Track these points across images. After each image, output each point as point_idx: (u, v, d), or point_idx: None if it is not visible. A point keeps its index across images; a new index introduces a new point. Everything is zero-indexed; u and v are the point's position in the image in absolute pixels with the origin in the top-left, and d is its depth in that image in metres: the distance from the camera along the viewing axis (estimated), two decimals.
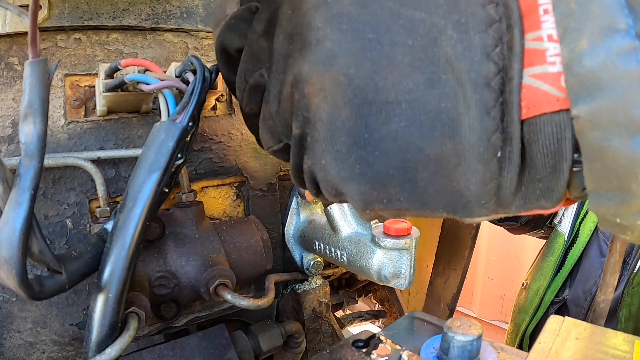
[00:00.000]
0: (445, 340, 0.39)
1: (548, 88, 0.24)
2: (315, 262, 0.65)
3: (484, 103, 0.25)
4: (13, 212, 0.31)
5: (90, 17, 0.47)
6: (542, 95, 0.24)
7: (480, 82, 0.25)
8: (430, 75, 0.25)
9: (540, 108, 0.24)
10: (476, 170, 0.25)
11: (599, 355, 0.39)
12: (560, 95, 0.24)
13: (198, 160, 0.55)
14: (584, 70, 0.22)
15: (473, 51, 0.25)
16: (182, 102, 0.40)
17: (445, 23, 0.26)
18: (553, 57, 0.24)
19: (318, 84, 0.28)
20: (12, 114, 0.45)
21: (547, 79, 0.24)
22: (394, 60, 0.26)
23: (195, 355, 0.51)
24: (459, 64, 0.25)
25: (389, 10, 0.27)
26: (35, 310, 0.46)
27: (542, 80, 0.24)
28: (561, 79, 0.24)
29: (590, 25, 0.22)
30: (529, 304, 1.16)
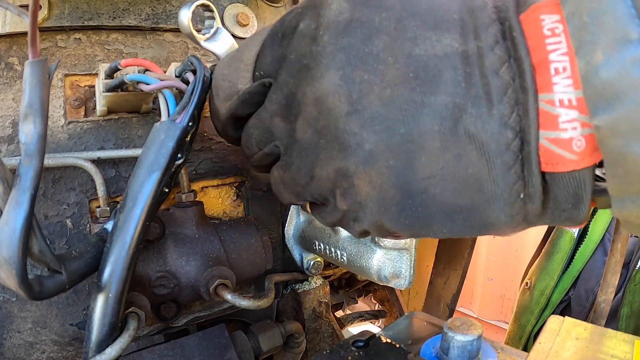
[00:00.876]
0: (445, 340, 0.39)
1: (562, 152, 0.27)
2: (315, 262, 0.64)
3: (505, 164, 0.28)
4: (13, 212, 0.31)
5: (90, 17, 0.47)
6: (558, 158, 0.27)
7: (501, 149, 0.28)
8: (458, 152, 0.29)
9: (556, 167, 0.27)
10: (503, 210, 0.30)
11: (599, 355, 0.39)
12: (573, 158, 0.27)
13: (198, 160, 0.55)
14: (601, 81, 0.23)
15: (491, 124, 0.28)
16: (182, 102, 0.40)
17: (465, 102, 0.29)
18: (565, 124, 0.26)
19: (366, 178, 0.32)
20: (12, 114, 0.45)
21: (561, 144, 0.27)
22: (425, 147, 0.30)
23: (195, 355, 0.51)
24: (480, 137, 0.29)
25: (413, 103, 0.30)
26: (35, 310, 0.46)
27: (556, 145, 0.27)
28: (573, 143, 0.26)
29: (604, 38, 0.23)
30: (534, 304, 1.14)
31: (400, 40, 0.30)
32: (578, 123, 0.26)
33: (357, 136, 0.31)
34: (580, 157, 0.26)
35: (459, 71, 0.29)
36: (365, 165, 0.32)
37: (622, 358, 0.38)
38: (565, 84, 0.26)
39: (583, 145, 0.26)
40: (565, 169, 0.27)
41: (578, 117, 0.26)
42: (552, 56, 0.26)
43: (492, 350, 0.41)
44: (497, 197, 0.29)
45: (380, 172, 0.32)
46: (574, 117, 0.26)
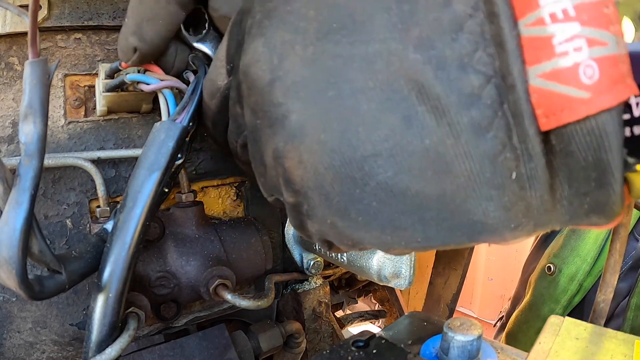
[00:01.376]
0: (445, 340, 0.39)
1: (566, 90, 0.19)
2: (315, 262, 0.64)
3: (476, 124, 0.21)
4: (13, 212, 0.31)
5: (90, 17, 0.47)
6: (561, 100, 0.19)
7: (464, 102, 0.20)
8: (404, 114, 0.22)
9: (561, 117, 0.19)
10: (490, 197, 0.22)
11: (599, 356, 0.39)
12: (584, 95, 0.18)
13: (198, 160, 0.55)
14: None
15: (446, 68, 0.21)
16: (182, 102, 0.40)
17: (405, 46, 0.22)
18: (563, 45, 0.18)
19: (296, 158, 0.26)
20: (12, 114, 0.45)
21: (562, 77, 0.19)
22: (360, 111, 0.23)
23: (195, 355, 0.51)
24: (433, 89, 0.21)
25: (340, 57, 0.24)
26: (35, 310, 0.46)
27: (556, 80, 0.19)
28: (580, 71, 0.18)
29: None
30: (561, 292, 0.96)
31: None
32: (583, 40, 0.18)
33: (283, 106, 0.26)
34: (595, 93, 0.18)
35: (393, 11, 0.22)
36: (294, 139, 0.26)
37: (622, 358, 0.38)
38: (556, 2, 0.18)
39: (596, 74, 0.18)
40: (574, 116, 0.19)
41: (581, 31, 0.18)
42: None
43: (492, 350, 0.41)
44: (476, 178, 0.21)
45: (310, 148, 0.25)
46: (575, 32, 0.18)
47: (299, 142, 0.26)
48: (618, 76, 0.18)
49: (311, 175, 0.26)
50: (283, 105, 0.26)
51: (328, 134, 0.24)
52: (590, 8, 0.18)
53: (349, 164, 0.24)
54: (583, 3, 0.18)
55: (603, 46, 0.18)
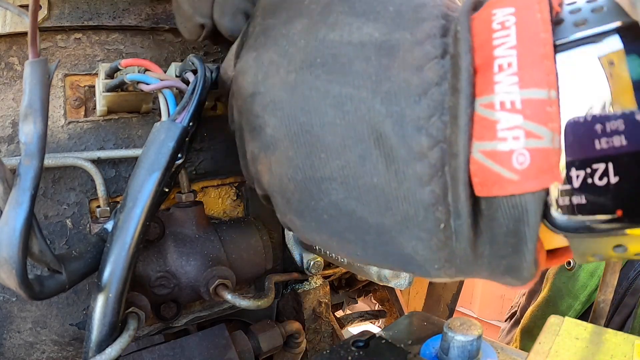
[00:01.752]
0: (445, 340, 0.39)
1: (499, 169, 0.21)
2: (315, 262, 0.64)
3: (418, 177, 0.23)
4: (13, 212, 0.31)
5: (90, 17, 0.47)
6: (494, 177, 0.21)
7: (412, 157, 0.23)
8: (361, 153, 0.25)
9: (492, 190, 0.21)
10: (420, 238, 0.25)
11: (599, 355, 0.39)
12: (513, 177, 0.20)
13: (198, 160, 0.55)
14: None
15: (404, 125, 0.23)
16: (182, 102, 0.40)
17: (374, 97, 0.24)
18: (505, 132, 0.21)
19: (266, 164, 0.30)
20: (12, 114, 0.45)
21: (498, 158, 0.21)
22: (325, 141, 0.26)
23: (195, 355, 0.51)
24: (389, 140, 0.24)
25: (317, 91, 0.27)
26: (35, 310, 0.46)
27: (492, 159, 0.21)
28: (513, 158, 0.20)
29: None
30: (580, 287, 0.96)
31: (319, 25, 0.28)
32: (522, 132, 0.20)
33: (260, 119, 0.30)
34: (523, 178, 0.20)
35: (371, 62, 0.25)
36: (266, 150, 0.30)
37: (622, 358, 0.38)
38: (510, 82, 0.21)
39: (527, 162, 0.20)
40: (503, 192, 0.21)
41: (522, 123, 0.20)
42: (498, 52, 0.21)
43: (492, 350, 0.41)
44: (410, 219, 0.24)
45: (279, 161, 0.29)
46: (516, 123, 0.20)
47: (271, 154, 0.30)
48: (546, 166, 0.20)
49: (276, 182, 0.30)
50: (260, 118, 0.30)
51: (295, 152, 0.28)
52: (535, 105, 0.20)
53: (309, 180, 0.28)
54: (530, 99, 0.20)
55: (538, 139, 0.20)
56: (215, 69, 0.44)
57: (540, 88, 0.20)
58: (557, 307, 1.00)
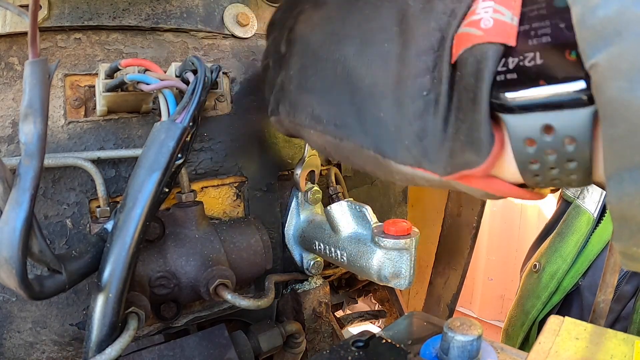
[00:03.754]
0: (445, 340, 0.39)
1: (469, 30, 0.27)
2: (315, 262, 0.64)
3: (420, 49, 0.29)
4: (13, 212, 0.31)
5: (90, 17, 0.47)
6: (466, 37, 0.27)
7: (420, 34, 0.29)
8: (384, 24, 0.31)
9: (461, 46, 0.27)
10: (402, 103, 0.29)
11: (599, 355, 0.39)
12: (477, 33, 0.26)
13: (198, 160, 0.55)
14: (599, 20, 0.21)
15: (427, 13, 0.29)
16: (182, 102, 0.40)
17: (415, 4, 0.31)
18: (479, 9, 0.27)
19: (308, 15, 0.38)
20: (12, 114, 0.45)
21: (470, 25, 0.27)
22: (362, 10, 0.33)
23: (195, 355, 0.51)
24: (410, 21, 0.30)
25: None
26: (35, 310, 0.46)
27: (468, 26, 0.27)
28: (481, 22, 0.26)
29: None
30: (542, 288, 1.04)
31: None
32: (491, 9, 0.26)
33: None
34: (485, 33, 0.26)
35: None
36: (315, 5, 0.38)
37: (622, 358, 0.38)
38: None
39: (490, 24, 0.26)
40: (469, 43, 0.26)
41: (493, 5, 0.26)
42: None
43: (492, 350, 0.41)
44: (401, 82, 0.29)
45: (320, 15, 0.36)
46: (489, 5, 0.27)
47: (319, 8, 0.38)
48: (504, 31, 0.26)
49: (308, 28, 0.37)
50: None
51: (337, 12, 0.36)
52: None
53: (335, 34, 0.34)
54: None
55: (502, 15, 0.26)
56: (215, 68, 0.44)
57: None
58: (524, 306, 1.08)
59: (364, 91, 0.31)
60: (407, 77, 0.29)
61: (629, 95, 0.19)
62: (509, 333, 1.12)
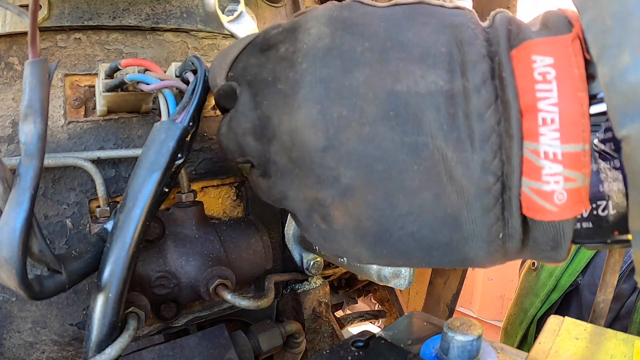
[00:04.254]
0: (445, 340, 0.39)
1: (543, 203, 0.27)
2: (315, 262, 0.64)
3: (484, 207, 0.28)
4: (13, 212, 0.31)
5: (90, 17, 0.47)
6: (538, 207, 0.27)
7: (481, 193, 0.28)
8: (437, 191, 0.29)
9: (537, 215, 0.27)
10: (482, 247, 0.30)
11: (599, 355, 0.39)
12: (554, 210, 0.26)
13: (198, 160, 0.55)
14: (630, 85, 0.21)
15: (472, 169, 0.28)
16: (182, 102, 0.40)
17: (446, 145, 0.28)
18: (548, 177, 0.26)
19: (343, 209, 0.32)
20: (12, 114, 0.45)
21: (542, 195, 0.26)
22: (403, 185, 0.30)
23: (195, 355, 0.51)
24: (461, 181, 0.28)
25: (392, 142, 0.29)
26: (35, 310, 0.46)
27: (538, 195, 0.27)
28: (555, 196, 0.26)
29: (630, 38, 0.21)
30: (540, 286, 1.06)
31: (382, 74, 0.29)
32: (561, 177, 0.26)
33: (334, 170, 0.31)
34: (561, 210, 0.26)
35: (442, 112, 0.28)
36: (342, 198, 0.31)
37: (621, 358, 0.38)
38: (552, 137, 0.25)
39: (564, 199, 0.26)
40: (545, 218, 0.27)
41: (562, 171, 0.26)
42: (541, 105, 0.26)
43: (492, 350, 0.41)
44: (476, 236, 0.29)
45: (357, 204, 0.31)
46: (557, 171, 0.26)
47: (348, 200, 0.32)
48: (579, 200, 0.26)
49: (354, 222, 0.32)
50: (335, 170, 0.31)
51: (375, 196, 0.31)
52: (572, 156, 0.25)
53: (387, 217, 0.31)
54: (569, 152, 0.25)
55: (574, 182, 0.26)
56: None
57: (577, 143, 0.25)
58: (523, 304, 1.09)
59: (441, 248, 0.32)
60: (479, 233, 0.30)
61: None
62: (508, 331, 1.13)
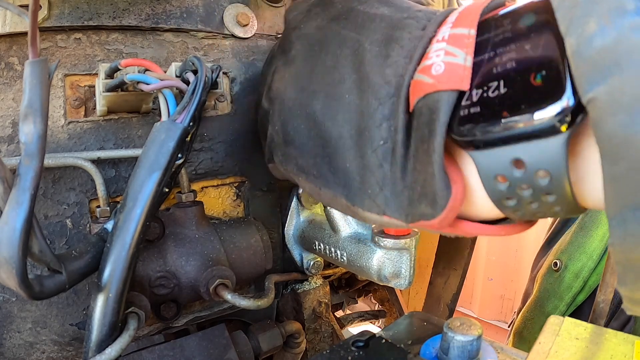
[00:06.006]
0: (445, 340, 0.39)
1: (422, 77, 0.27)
2: (315, 262, 0.64)
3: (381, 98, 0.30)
4: (13, 212, 0.31)
5: (90, 17, 0.47)
6: (419, 85, 0.27)
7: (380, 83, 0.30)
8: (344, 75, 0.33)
9: (416, 94, 0.27)
10: (364, 154, 0.30)
11: (599, 355, 0.39)
12: (428, 81, 0.26)
13: (198, 160, 0.55)
14: (595, 50, 0.19)
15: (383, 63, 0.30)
16: (182, 102, 0.40)
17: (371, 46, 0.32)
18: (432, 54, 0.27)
19: (281, 74, 0.41)
20: (12, 114, 0.45)
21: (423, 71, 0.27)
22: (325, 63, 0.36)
23: (195, 355, 0.51)
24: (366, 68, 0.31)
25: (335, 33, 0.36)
26: (35, 310, 0.46)
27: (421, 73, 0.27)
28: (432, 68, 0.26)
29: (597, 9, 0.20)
30: (565, 288, 0.95)
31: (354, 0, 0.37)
32: (442, 52, 0.26)
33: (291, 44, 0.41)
34: (436, 80, 0.26)
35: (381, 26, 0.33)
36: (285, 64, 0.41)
37: (622, 358, 0.38)
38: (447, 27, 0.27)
39: (441, 69, 0.26)
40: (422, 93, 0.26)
41: (445, 47, 0.26)
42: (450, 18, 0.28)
43: (492, 350, 0.41)
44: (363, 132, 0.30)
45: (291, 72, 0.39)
46: (441, 47, 0.27)
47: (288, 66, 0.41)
48: (457, 76, 0.25)
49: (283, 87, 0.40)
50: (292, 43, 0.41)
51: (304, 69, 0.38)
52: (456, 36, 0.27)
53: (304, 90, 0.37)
54: (454, 34, 0.27)
55: (454, 57, 0.26)
56: (215, 68, 0.44)
57: (464, 27, 0.26)
58: (544, 308, 0.99)
59: (332, 144, 0.33)
60: (367, 128, 0.30)
61: (630, 130, 0.18)
62: (524, 336, 1.03)
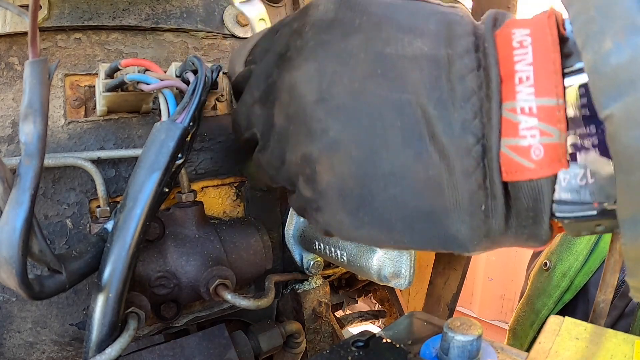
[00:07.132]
0: (445, 340, 0.39)
1: (520, 160, 0.27)
2: (315, 262, 0.64)
3: (465, 169, 0.29)
4: (13, 212, 0.31)
5: (90, 17, 0.47)
6: (516, 166, 0.27)
7: (461, 154, 0.28)
8: (418, 150, 0.30)
9: (515, 176, 0.27)
10: (464, 220, 0.30)
11: (599, 355, 0.39)
12: (530, 166, 0.27)
13: (198, 160, 0.55)
14: (612, 68, 0.22)
15: (453, 127, 0.29)
16: (182, 102, 0.40)
17: (428, 102, 0.29)
18: (524, 131, 0.27)
19: (328, 164, 0.33)
20: (12, 114, 0.45)
21: (520, 151, 0.27)
22: (387, 141, 0.31)
23: (195, 355, 0.51)
24: (442, 139, 0.29)
25: (379, 98, 0.31)
26: (35, 310, 0.46)
27: (516, 152, 0.27)
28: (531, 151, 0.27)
29: (612, 26, 0.22)
30: (553, 287, 1.03)
31: (374, 40, 0.32)
32: (537, 131, 0.26)
33: (322, 123, 0.33)
34: (538, 166, 0.26)
35: (425, 73, 0.30)
36: (329, 151, 0.33)
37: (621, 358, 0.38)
38: (528, 92, 0.27)
39: (541, 154, 0.26)
40: (523, 177, 0.27)
41: (537, 124, 0.26)
42: (518, 66, 0.27)
43: (492, 350, 0.41)
44: (458, 205, 0.29)
45: (342, 160, 0.32)
46: (533, 124, 0.26)
47: (333, 154, 0.32)
48: (556, 157, 0.26)
49: (338, 180, 0.33)
50: (323, 122, 0.33)
51: (359, 152, 0.31)
52: (547, 110, 0.26)
53: (370, 176, 0.31)
54: (543, 106, 0.26)
55: (550, 137, 0.26)
56: (215, 68, 0.44)
57: (551, 97, 0.26)
58: (534, 305, 1.06)
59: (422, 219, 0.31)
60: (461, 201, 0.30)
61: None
62: (517, 332, 1.09)
